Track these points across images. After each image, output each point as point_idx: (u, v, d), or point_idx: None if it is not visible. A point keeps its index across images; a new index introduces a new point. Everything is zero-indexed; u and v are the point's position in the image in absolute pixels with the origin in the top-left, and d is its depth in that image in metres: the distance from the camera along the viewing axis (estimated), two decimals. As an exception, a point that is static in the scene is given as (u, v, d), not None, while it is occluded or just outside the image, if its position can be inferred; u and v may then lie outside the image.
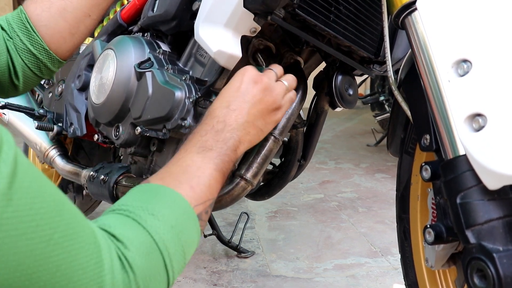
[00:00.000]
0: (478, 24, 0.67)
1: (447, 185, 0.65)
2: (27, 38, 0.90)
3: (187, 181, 0.67)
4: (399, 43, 1.05)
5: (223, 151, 0.75)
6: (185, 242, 0.60)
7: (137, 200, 0.61)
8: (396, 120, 0.98)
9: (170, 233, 0.58)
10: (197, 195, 0.66)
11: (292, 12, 0.90)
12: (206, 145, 0.74)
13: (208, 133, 0.76)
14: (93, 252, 0.47)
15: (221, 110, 0.80)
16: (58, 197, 0.46)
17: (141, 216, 0.57)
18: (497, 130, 0.59)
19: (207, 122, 0.78)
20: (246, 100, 0.80)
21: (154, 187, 0.64)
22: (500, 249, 0.59)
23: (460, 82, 0.65)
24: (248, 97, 0.81)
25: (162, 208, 0.60)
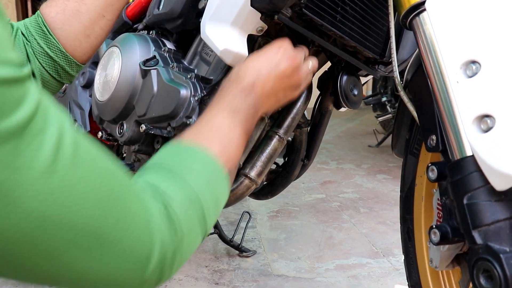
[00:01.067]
0: (487, 25, 0.67)
1: (454, 185, 0.65)
2: (44, 41, 0.91)
3: (219, 141, 0.69)
4: (405, 44, 1.05)
5: (249, 115, 0.78)
6: (217, 198, 0.63)
7: (173, 158, 0.63)
8: (401, 120, 0.98)
9: (206, 188, 0.60)
10: (227, 156, 0.69)
11: (299, 12, 0.90)
12: (236, 107, 0.76)
13: (238, 95, 0.78)
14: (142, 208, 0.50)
15: (252, 73, 0.81)
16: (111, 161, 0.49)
17: (180, 173, 0.60)
18: (506, 131, 0.59)
19: (237, 84, 0.80)
20: (276, 71, 0.83)
21: (188, 147, 0.67)
22: (507, 250, 0.59)
23: (468, 83, 0.65)
24: (279, 69, 0.84)
25: (198, 167, 0.62)
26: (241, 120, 0.76)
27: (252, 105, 0.79)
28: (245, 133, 0.77)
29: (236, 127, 0.74)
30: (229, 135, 0.72)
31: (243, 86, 0.80)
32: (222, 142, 0.70)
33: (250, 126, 0.79)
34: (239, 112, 0.76)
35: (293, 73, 0.86)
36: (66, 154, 0.42)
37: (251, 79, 0.80)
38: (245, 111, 0.77)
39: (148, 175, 0.59)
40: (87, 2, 0.93)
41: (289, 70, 0.85)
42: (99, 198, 0.44)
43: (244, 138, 0.76)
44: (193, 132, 0.71)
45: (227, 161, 0.68)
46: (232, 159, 0.71)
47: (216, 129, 0.72)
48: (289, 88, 0.87)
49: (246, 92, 0.79)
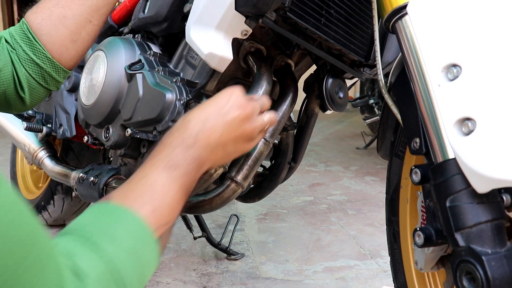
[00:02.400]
0: (468, 29, 0.68)
1: (436, 188, 0.65)
2: (30, 48, 0.89)
3: (150, 202, 0.64)
4: (389, 47, 1.06)
5: (189, 170, 0.71)
6: (142, 268, 0.59)
7: (97, 223, 0.59)
8: (386, 123, 0.98)
9: (128, 260, 0.56)
10: (159, 217, 0.63)
11: (283, 15, 0.90)
12: (174, 161, 0.70)
13: (178, 147, 0.72)
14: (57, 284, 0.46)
15: (196, 124, 0.75)
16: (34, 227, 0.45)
17: (101, 243, 0.55)
18: (486, 134, 0.60)
19: (179, 135, 0.74)
20: (224, 122, 0.76)
21: (115, 209, 0.62)
22: (488, 252, 0.59)
23: (449, 86, 0.66)
24: (228, 119, 0.76)
25: (122, 234, 0.58)
26: (179, 175, 0.69)
27: (194, 159, 0.72)
28: (185, 189, 0.70)
29: (172, 183, 0.68)
30: (163, 194, 0.66)
31: (184, 137, 0.73)
32: (154, 202, 0.64)
33: (191, 181, 0.72)
34: (177, 167, 0.70)
35: (244, 123, 0.78)
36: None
37: (195, 130, 0.74)
38: (185, 166, 0.71)
39: (66, 244, 0.54)
40: (73, 7, 0.91)
41: (238, 119, 0.77)
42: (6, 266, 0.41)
43: (183, 195, 0.70)
44: (124, 189, 0.66)
45: (158, 224, 0.63)
46: (165, 221, 0.65)
47: (149, 187, 0.66)
48: (240, 139, 0.79)
49: (187, 144, 0.72)
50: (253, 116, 0.80)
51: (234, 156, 0.82)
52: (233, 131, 0.77)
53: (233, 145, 0.78)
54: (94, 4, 0.93)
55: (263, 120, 0.83)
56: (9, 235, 0.41)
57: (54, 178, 1.48)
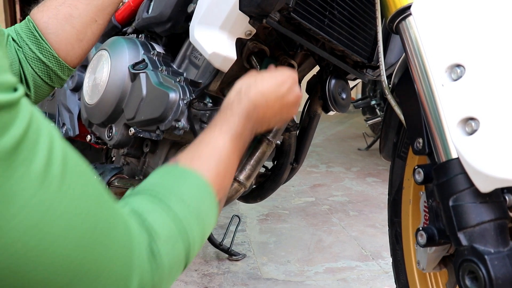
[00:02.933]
0: (472, 29, 0.68)
1: (439, 188, 0.66)
2: (36, 47, 0.90)
3: (215, 166, 0.68)
4: (392, 48, 1.06)
5: (246, 139, 0.78)
6: (205, 228, 0.62)
7: (167, 183, 0.62)
8: (388, 124, 0.98)
9: (195, 222, 0.59)
10: (221, 182, 0.68)
11: (287, 16, 0.90)
12: (238, 131, 0.75)
13: (242, 118, 0.77)
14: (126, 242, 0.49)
15: (259, 96, 0.81)
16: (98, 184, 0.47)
17: (171, 203, 0.58)
18: (490, 134, 0.60)
19: (244, 102, 0.79)
20: (281, 103, 0.84)
21: (183, 171, 0.65)
22: (491, 251, 0.60)
23: (453, 86, 0.66)
24: (283, 102, 0.84)
25: (190, 195, 0.61)
26: (240, 146, 0.75)
27: (250, 130, 0.79)
28: (239, 158, 0.76)
29: (234, 154, 0.73)
30: (227, 162, 0.71)
31: (248, 109, 0.79)
32: (219, 169, 0.68)
33: (244, 150, 0.78)
34: (240, 138, 0.75)
35: (292, 108, 0.88)
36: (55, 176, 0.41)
37: (256, 103, 0.80)
38: (245, 137, 0.77)
39: (137, 202, 0.57)
40: (79, 7, 0.92)
41: (290, 104, 0.86)
42: (84, 229, 0.43)
43: (237, 164, 0.75)
44: (193, 150, 0.69)
45: (220, 189, 0.67)
46: (225, 185, 0.70)
47: (217, 153, 0.70)
48: (282, 119, 0.88)
49: (249, 116, 0.78)
50: (298, 102, 0.90)
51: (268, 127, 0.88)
52: (282, 113, 0.86)
53: (274, 122, 0.87)
54: (100, 4, 0.94)
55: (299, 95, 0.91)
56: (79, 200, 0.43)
57: (56, 177, 1.48)
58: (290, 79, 0.86)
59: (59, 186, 0.41)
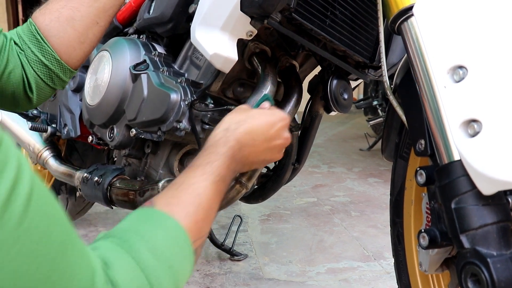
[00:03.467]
0: (474, 31, 0.67)
1: (442, 190, 0.65)
2: (38, 50, 0.90)
3: (194, 213, 0.64)
4: (394, 49, 1.06)
5: (228, 181, 0.75)
6: (178, 281, 0.58)
7: (141, 228, 0.59)
8: (390, 125, 0.98)
9: (167, 274, 0.56)
10: (199, 230, 0.64)
11: (289, 16, 0.90)
12: (222, 175, 0.72)
13: (227, 160, 0.74)
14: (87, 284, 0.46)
15: (247, 138, 0.78)
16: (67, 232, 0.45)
17: (141, 254, 0.55)
18: (492, 136, 0.60)
19: (231, 146, 0.76)
20: (267, 147, 0.81)
21: (159, 216, 0.62)
22: (494, 254, 0.59)
23: (455, 88, 0.66)
24: (270, 146, 0.82)
25: (163, 244, 0.58)
26: (222, 189, 0.71)
27: (233, 171, 0.76)
28: (220, 202, 0.72)
29: (215, 198, 0.69)
30: (207, 208, 0.67)
31: (234, 150, 0.76)
32: (198, 216, 0.64)
33: (225, 192, 0.74)
34: (223, 181, 0.72)
35: (277, 153, 0.85)
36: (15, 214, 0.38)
37: (243, 143, 0.77)
38: (228, 179, 0.74)
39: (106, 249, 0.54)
40: (81, 9, 0.92)
41: (277, 148, 0.84)
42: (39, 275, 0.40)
43: (217, 208, 0.71)
44: (172, 193, 0.66)
45: (197, 236, 0.63)
46: (203, 234, 0.65)
47: (197, 199, 0.66)
48: (263, 162, 0.85)
49: (234, 157, 0.75)
50: (285, 145, 0.86)
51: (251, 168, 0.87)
52: (270, 157, 0.84)
53: (262, 162, 0.85)
54: (101, 6, 0.94)
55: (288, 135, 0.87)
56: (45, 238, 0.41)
57: (58, 178, 1.48)
58: (281, 122, 0.83)
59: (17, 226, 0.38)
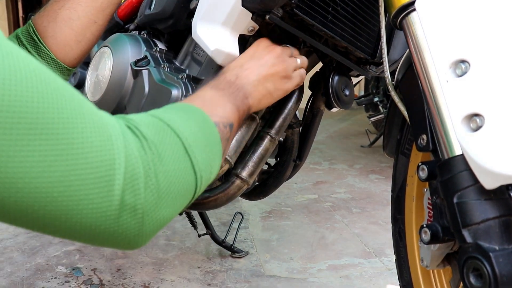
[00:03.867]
0: (476, 25, 0.67)
1: (444, 184, 0.65)
2: (35, 50, 0.93)
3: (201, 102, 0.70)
4: (396, 45, 1.06)
5: (235, 95, 0.78)
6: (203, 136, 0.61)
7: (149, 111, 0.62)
8: (392, 121, 0.98)
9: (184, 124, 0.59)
10: (212, 110, 0.68)
11: (290, 12, 0.90)
12: (219, 86, 0.77)
13: (221, 81, 0.80)
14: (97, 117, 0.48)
15: (234, 68, 0.84)
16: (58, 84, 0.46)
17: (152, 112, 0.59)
18: (495, 130, 0.59)
19: (219, 76, 0.82)
20: (258, 63, 0.86)
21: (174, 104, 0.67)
22: (496, 248, 0.59)
23: (458, 82, 0.65)
24: (261, 61, 0.86)
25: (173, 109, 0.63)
26: (226, 93, 0.76)
27: (238, 88, 0.79)
28: (235, 106, 0.75)
29: (220, 96, 0.74)
30: (211, 98, 0.72)
31: (226, 77, 0.81)
32: (204, 102, 0.70)
33: (238, 105, 0.77)
34: (223, 89, 0.76)
35: (277, 62, 0.88)
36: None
37: (234, 71, 0.83)
38: (230, 91, 0.77)
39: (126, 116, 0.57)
40: (78, 9, 0.94)
41: (271, 59, 0.87)
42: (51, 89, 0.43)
43: (234, 109, 0.75)
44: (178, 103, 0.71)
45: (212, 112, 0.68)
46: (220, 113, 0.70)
47: (197, 97, 0.72)
48: (277, 78, 0.88)
49: (229, 79, 0.80)
50: (283, 55, 0.90)
51: (278, 95, 0.90)
52: (268, 69, 0.86)
53: (271, 82, 0.87)
54: (99, 6, 0.95)
55: (295, 59, 0.94)
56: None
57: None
58: (260, 42, 0.91)
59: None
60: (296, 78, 0.93)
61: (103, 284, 1.52)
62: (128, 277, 1.57)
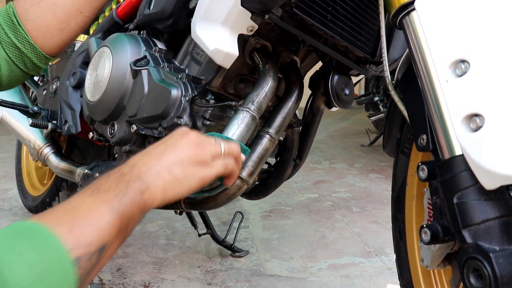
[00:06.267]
0: (476, 24, 0.67)
1: (444, 185, 0.65)
2: (12, 32, 0.90)
3: (68, 221, 0.58)
4: (395, 44, 1.06)
5: (123, 193, 0.66)
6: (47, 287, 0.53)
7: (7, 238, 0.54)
8: (392, 120, 0.98)
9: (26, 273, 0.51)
10: (78, 237, 0.58)
11: (290, 11, 0.90)
12: (103, 187, 0.66)
13: (111, 176, 0.68)
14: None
15: (137, 157, 0.73)
16: None
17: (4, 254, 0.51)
18: (495, 130, 0.59)
19: (117, 168, 0.70)
20: (168, 149, 0.74)
21: (24, 225, 0.57)
22: (496, 249, 0.59)
23: (458, 82, 0.65)
24: (173, 147, 0.75)
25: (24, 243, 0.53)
26: (108, 199, 0.64)
27: (128, 183, 0.67)
28: (118, 214, 0.64)
29: (100, 205, 0.63)
30: (86, 213, 0.61)
31: (121, 167, 0.70)
32: (74, 221, 0.59)
33: (129, 207, 0.65)
34: (106, 190, 0.65)
35: (191, 147, 0.76)
36: None
37: (133, 161, 0.71)
38: (117, 191, 0.65)
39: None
40: None
41: (183, 144, 0.75)
42: None
43: (116, 219, 0.63)
44: (43, 213, 0.61)
45: (77, 243, 0.57)
46: (88, 241, 0.59)
47: (71, 208, 0.62)
48: (188, 163, 0.74)
49: (122, 172, 0.69)
50: (201, 141, 0.78)
51: (189, 183, 0.75)
52: (177, 153, 0.74)
53: (181, 169, 0.73)
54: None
55: (216, 146, 0.80)
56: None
57: (59, 174, 1.48)
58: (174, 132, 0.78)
59: None
60: (217, 166, 0.79)
61: (103, 283, 1.51)
62: (128, 276, 1.57)
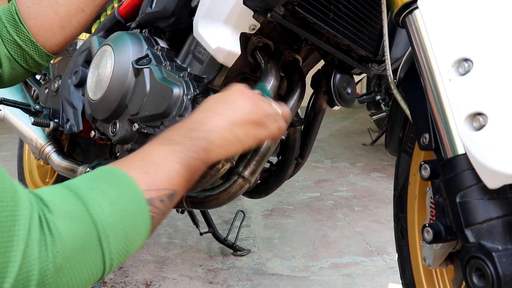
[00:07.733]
0: (479, 23, 0.67)
1: (446, 184, 0.65)
2: (14, 29, 0.90)
3: (142, 167, 0.62)
4: (398, 42, 1.05)
5: (191, 147, 0.69)
6: (127, 222, 0.56)
7: (81, 177, 0.58)
8: (394, 119, 0.98)
9: (108, 208, 0.54)
10: (151, 180, 0.62)
11: (292, 10, 0.89)
12: (173, 139, 0.70)
13: (180, 129, 0.72)
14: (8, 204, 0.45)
15: (202, 113, 0.77)
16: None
17: (79, 187, 0.54)
18: (498, 129, 0.59)
19: (183, 121, 0.75)
20: (229, 108, 0.77)
21: (104, 169, 0.61)
22: (499, 248, 0.59)
23: (461, 81, 0.65)
24: (235, 106, 0.78)
25: (105, 184, 0.57)
26: (178, 150, 0.68)
27: (196, 139, 0.71)
28: (187, 166, 0.67)
29: (170, 155, 0.66)
30: (157, 161, 0.64)
31: (188, 122, 0.74)
32: (147, 167, 0.63)
33: (194, 160, 0.69)
34: (176, 143, 0.69)
35: (252, 109, 0.79)
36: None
37: (200, 117, 0.75)
38: (186, 145, 0.69)
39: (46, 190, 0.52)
40: None
41: (245, 106, 0.79)
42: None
43: (184, 171, 0.67)
44: (120, 160, 0.65)
45: (150, 186, 0.61)
46: (160, 185, 0.62)
47: (143, 155, 0.65)
48: (249, 125, 0.78)
49: (189, 127, 0.73)
50: (260, 103, 0.81)
51: (247, 142, 0.79)
52: (240, 115, 0.77)
53: (242, 129, 0.77)
54: None
55: (275, 108, 0.84)
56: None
57: (61, 173, 1.48)
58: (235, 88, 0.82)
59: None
60: (272, 128, 0.83)
61: (105, 282, 1.52)
62: (130, 275, 1.57)
